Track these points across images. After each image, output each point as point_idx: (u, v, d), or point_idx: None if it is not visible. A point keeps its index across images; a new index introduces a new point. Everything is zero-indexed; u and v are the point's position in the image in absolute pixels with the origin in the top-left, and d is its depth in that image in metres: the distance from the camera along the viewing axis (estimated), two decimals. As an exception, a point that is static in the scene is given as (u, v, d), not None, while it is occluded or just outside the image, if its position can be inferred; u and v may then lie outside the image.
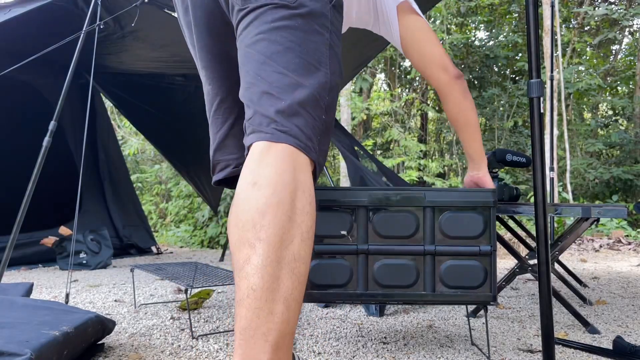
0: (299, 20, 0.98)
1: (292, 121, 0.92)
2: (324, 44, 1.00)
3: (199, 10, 1.14)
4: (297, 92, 0.94)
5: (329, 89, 0.99)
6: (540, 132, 1.31)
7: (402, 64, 10.29)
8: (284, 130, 0.91)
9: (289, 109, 0.93)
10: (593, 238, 5.39)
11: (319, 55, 0.99)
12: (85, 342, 1.47)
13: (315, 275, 1.50)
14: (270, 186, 0.85)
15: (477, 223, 1.50)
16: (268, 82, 0.95)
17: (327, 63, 0.99)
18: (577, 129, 9.15)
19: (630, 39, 10.49)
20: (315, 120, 0.96)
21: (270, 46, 0.97)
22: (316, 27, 0.99)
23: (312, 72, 0.97)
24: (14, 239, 2.12)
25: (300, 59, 0.96)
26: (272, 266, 0.80)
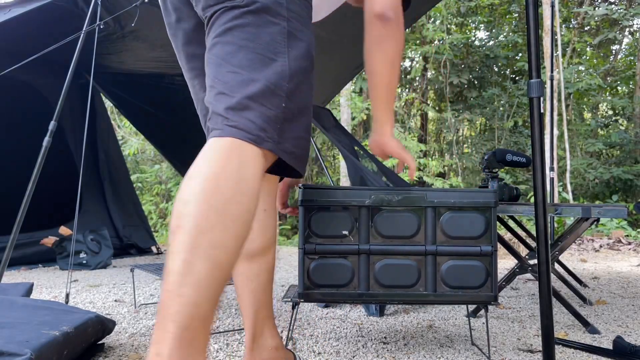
0: (250, 17, 0.99)
1: (241, 115, 0.94)
2: (281, 33, 1.00)
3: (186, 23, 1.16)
4: (248, 87, 0.96)
5: (289, 76, 0.99)
6: (540, 132, 1.31)
7: (402, 64, 10.29)
8: (233, 124, 0.93)
9: (239, 104, 0.95)
10: (593, 238, 5.39)
11: (275, 46, 0.99)
12: (85, 342, 1.47)
13: (316, 275, 1.50)
14: (199, 177, 0.89)
15: (478, 223, 1.50)
16: (223, 83, 0.98)
17: (284, 51, 1.00)
18: (577, 129, 9.15)
19: (630, 39, 10.50)
20: (271, 109, 0.96)
21: (224, 48, 0.99)
22: (269, 18, 1.00)
23: (267, 65, 0.98)
24: (14, 239, 2.12)
25: (254, 55, 0.98)
26: (186, 252, 0.84)
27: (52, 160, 2.41)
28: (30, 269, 3.52)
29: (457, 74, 9.26)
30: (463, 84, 9.41)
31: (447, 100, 9.79)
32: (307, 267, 1.50)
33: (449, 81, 9.24)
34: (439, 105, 10.50)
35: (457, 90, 9.77)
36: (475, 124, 10.49)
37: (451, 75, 9.21)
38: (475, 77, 9.74)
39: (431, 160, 8.71)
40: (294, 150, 1.00)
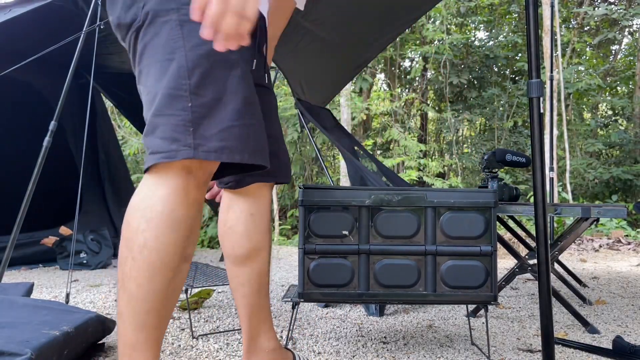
0: (149, 30, 0.95)
1: (151, 138, 0.92)
2: (174, 28, 0.93)
3: None
4: (154, 104, 0.93)
5: (189, 70, 0.91)
6: (540, 132, 1.31)
7: (402, 64, 10.29)
8: (149, 151, 0.92)
9: (148, 127, 0.93)
10: (593, 238, 5.40)
11: (171, 44, 0.93)
12: (86, 341, 1.47)
13: (316, 275, 1.50)
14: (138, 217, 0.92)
15: (478, 223, 1.51)
16: (144, 111, 0.98)
17: (182, 45, 0.92)
18: (576, 129, 9.16)
19: (630, 39, 10.50)
20: (176, 115, 0.90)
21: (141, 75, 0.98)
22: (160, 22, 0.94)
23: (166, 69, 0.92)
24: (14, 239, 2.12)
25: (157, 66, 0.94)
26: (118, 287, 0.94)
27: (53, 160, 2.41)
28: (31, 268, 3.52)
29: (457, 74, 9.26)
30: (463, 84, 9.41)
31: (447, 101, 9.79)
32: (307, 267, 1.51)
33: (448, 81, 9.24)
34: (439, 105, 10.50)
35: (457, 91, 9.77)
36: (475, 124, 10.50)
37: (451, 76, 9.21)
38: (475, 77, 9.74)
39: (431, 161, 8.71)
40: (224, 145, 0.92)
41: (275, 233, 7.68)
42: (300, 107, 2.88)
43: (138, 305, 0.90)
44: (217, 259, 4.04)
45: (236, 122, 0.94)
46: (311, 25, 2.83)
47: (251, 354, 1.26)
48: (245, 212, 1.21)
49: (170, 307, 0.95)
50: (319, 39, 2.96)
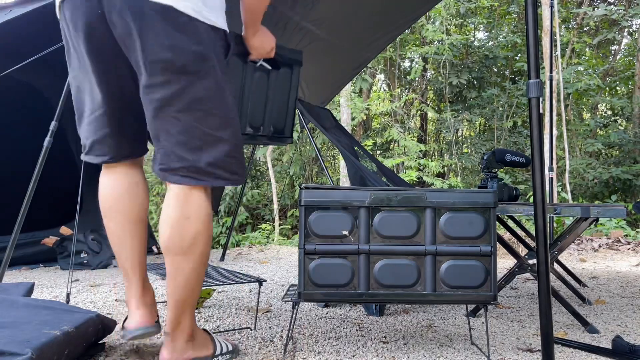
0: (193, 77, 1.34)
1: (220, 170, 1.39)
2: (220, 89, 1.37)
3: (95, 40, 1.30)
4: (226, 146, 1.37)
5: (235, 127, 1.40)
6: (539, 132, 1.32)
7: (402, 65, 10.30)
8: (213, 176, 1.39)
9: (220, 164, 1.39)
10: (592, 238, 5.40)
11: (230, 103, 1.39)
12: (86, 341, 1.47)
13: (316, 275, 1.51)
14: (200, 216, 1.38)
15: (477, 223, 1.51)
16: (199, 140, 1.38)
17: (233, 107, 1.39)
18: (576, 129, 9.16)
19: (630, 40, 10.51)
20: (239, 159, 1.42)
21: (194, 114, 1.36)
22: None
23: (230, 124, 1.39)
24: (15, 239, 2.13)
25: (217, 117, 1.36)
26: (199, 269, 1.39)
27: (53, 160, 2.41)
28: (31, 268, 3.52)
29: (457, 74, 9.27)
30: (462, 84, 9.41)
31: (447, 101, 9.80)
32: (307, 267, 1.51)
33: (448, 81, 9.24)
34: (439, 106, 10.50)
35: (457, 91, 9.77)
36: (474, 124, 10.50)
37: (450, 76, 9.22)
38: (474, 78, 9.74)
39: (431, 161, 8.72)
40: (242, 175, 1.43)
41: (276, 233, 7.68)
42: (300, 107, 2.89)
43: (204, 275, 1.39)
44: (217, 258, 4.05)
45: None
46: (311, 26, 2.84)
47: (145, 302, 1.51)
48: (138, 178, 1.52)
49: None
50: (319, 39, 2.96)
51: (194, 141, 1.28)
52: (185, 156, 1.29)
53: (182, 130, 1.28)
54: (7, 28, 2.96)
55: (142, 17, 1.21)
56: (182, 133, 1.28)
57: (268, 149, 8.55)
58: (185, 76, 1.26)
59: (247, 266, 3.68)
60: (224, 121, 1.32)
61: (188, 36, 1.24)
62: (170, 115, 1.28)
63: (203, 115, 1.28)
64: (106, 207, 1.47)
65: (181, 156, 1.29)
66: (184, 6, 1.22)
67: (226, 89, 1.33)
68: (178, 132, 1.28)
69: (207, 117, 1.29)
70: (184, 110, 1.27)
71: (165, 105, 1.28)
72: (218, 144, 1.31)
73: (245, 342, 1.70)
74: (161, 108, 1.28)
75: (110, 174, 1.49)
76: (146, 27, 1.21)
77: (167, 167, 1.32)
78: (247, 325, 1.93)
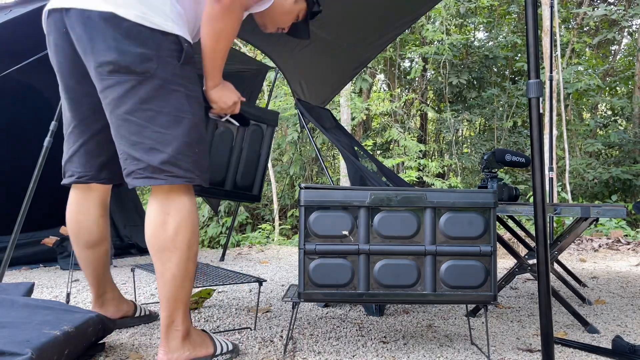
0: (151, 85, 1.40)
1: (173, 167, 1.41)
2: (182, 97, 1.41)
3: (61, 56, 1.47)
4: (172, 145, 1.40)
5: (194, 129, 1.42)
6: (539, 132, 1.32)
7: (402, 65, 10.30)
8: (167, 174, 1.42)
9: (170, 159, 1.42)
10: (592, 238, 5.40)
11: (181, 107, 1.41)
12: (86, 341, 1.47)
13: (316, 275, 1.51)
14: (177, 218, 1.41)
15: (477, 224, 1.51)
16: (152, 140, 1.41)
17: (189, 110, 1.40)
18: (576, 129, 9.16)
19: (629, 40, 10.51)
20: (192, 157, 1.41)
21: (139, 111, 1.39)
22: (169, 88, 1.41)
23: (179, 123, 1.40)
24: (15, 239, 2.13)
25: (168, 116, 1.39)
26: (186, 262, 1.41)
27: (53, 160, 2.41)
28: (31, 268, 3.52)
29: (457, 74, 9.27)
30: (462, 84, 9.41)
31: (447, 101, 9.80)
32: (307, 267, 1.51)
33: (448, 81, 9.24)
34: (439, 106, 10.50)
35: (457, 91, 9.77)
36: (474, 124, 10.50)
37: (450, 76, 9.22)
38: (474, 78, 9.74)
39: (430, 161, 8.72)
40: (207, 177, 1.45)
41: (276, 233, 7.68)
42: (300, 107, 2.89)
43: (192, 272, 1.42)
44: (217, 258, 4.05)
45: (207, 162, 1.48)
46: (311, 26, 2.84)
47: (101, 304, 1.78)
48: (97, 215, 1.68)
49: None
50: (319, 39, 2.96)
51: (147, 141, 1.34)
52: (140, 157, 1.35)
53: (134, 131, 1.34)
54: (7, 28, 2.96)
55: (92, 24, 1.34)
56: (134, 134, 1.34)
57: (268, 149, 8.53)
58: (131, 76, 1.33)
59: (247, 266, 3.68)
60: (175, 119, 1.35)
61: (131, 39, 1.33)
62: (122, 118, 1.35)
63: (153, 114, 1.34)
64: (71, 231, 1.68)
65: (136, 157, 1.35)
66: (125, 12, 1.33)
67: (179, 90, 1.37)
68: (130, 133, 1.35)
69: (158, 116, 1.34)
70: (133, 111, 1.34)
71: (116, 107, 1.35)
72: (171, 142, 1.34)
73: (245, 342, 1.70)
74: (112, 111, 1.36)
75: (80, 198, 1.66)
76: (95, 33, 1.34)
77: (128, 172, 1.38)
78: (247, 325, 1.93)
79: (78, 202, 1.66)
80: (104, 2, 1.33)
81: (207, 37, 1.45)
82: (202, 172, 1.41)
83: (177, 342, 1.39)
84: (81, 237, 1.67)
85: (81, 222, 1.66)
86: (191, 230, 1.38)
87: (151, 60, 1.34)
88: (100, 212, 1.68)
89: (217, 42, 1.45)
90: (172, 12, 1.39)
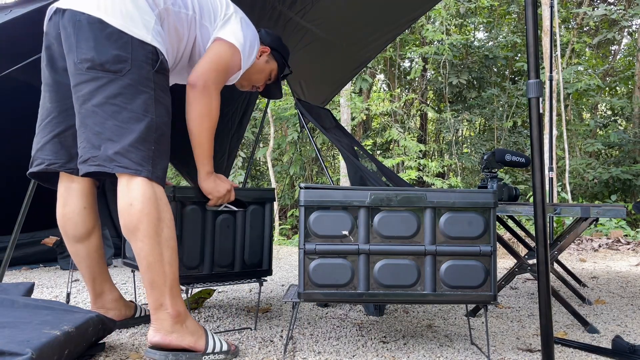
0: (121, 83, 1.48)
1: (123, 158, 1.47)
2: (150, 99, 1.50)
3: (54, 52, 1.59)
4: (128, 137, 1.46)
5: (156, 128, 1.49)
6: (539, 132, 1.32)
7: (402, 65, 10.30)
8: (116, 164, 1.47)
9: (121, 150, 1.47)
10: (592, 238, 5.40)
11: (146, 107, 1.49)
12: (86, 341, 1.47)
13: (316, 275, 1.51)
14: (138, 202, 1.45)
15: (477, 224, 1.51)
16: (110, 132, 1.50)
17: (153, 112, 1.49)
18: (576, 129, 9.17)
19: (629, 40, 10.51)
20: (145, 152, 1.48)
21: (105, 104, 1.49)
22: (139, 89, 1.50)
23: (141, 120, 1.48)
24: (15, 239, 2.13)
25: (131, 113, 1.47)
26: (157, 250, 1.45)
27: (53, 160, 2.41)
28: (31, 268, 3.52)
29: (457, 74, 9.27)
30: (462, 84, 9.42)
31: (447, 101, 9.80)
32: (307, 267, 1.51)
33: (448, 82, 9.25)
34: (439, 106, 10.51)
35: (457, 91, 9.78)
36: (474, 124, 10.51)
37: (450, 76, 9.22)
38: (474, 78, 9.75)
39: (430, 161, 8.72)
40: (162, 177, 1.51)
41: (276, 233, 7.68)
42: (300, 107, 2.89)
43: (176, 252, 1.48)
44: (217, 259, 4.04)
45: (166, 168, 1.54)
46: (311, 25, 2.84)
47: (100, 305, 1.79)
48: (80, 206, 1.70)
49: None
50: (319, 39, 2.96)
51: (106, 132, 1.43)
52: (99, 145, 1.44)
53: (98, 122, 1.44)
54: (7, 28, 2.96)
55: (80, 25, 1.47)
56: (98, 124, 1.44)
57: (268, 149, 8.55)
58: (105, 74, 1.45)
59: (247, 266, 3.68)
60: (137, 117, 1.45)
61: (111, 42, 1.46)
62: (90, 110, 1.45)
63: (118, 109, 1.44)
64: (59, 226, 1.71)
65: (95, 145, 1.44)
66: (112, 20, 1.47)
67: (147, 92, 1.48)
68: (94, 123, 1.44)
69: (122, 111, 1.44)
70: (101, 104, 1.44)
71: (86, 100, 1.46)
72: (127, 135, 1.43)
73: (245, 342, 1.70)
74: (83, 103, 1.46)
75: (63, 191, 1.70)
76: (81, 33, 1.47)
77: (84, 159, 1.46)
78: (247, 325, 1.93)
79: (62, 195, 1.71)
80: (96, 8, 1.48)
81: (190, 121, 1.62)
82: (155, 169, 1.47)
83: (167, 324, 1.44)
84: (69, 231, 1.70)
85: (66, 215, 1.70)
86: (156, 217, 1.44)
87: (125, 62, 1.46)
88: (83, 204, 1.71)
89: (200, 124, 1.61)
90: (154, 30, 1.53)
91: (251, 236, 1.93)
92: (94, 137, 1.44)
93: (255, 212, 1.95)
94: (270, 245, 1.99)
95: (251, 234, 1.93)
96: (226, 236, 1.87)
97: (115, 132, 1.43)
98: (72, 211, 1.70)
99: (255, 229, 1.94)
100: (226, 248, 1.87)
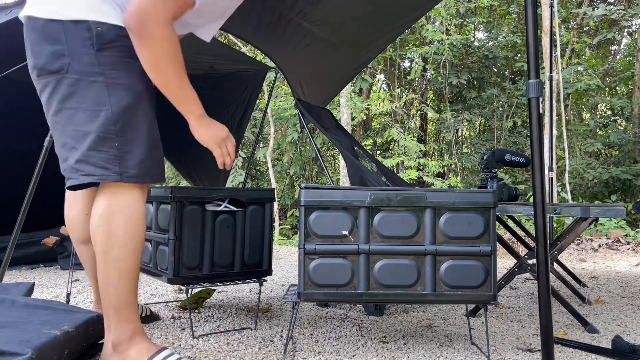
0: (68, 83, 1.32)
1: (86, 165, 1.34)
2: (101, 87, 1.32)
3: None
4: (86, 141, 1.31)
5: (114, 120, 1.32)
6: (539, 132, 1.32)
7: (402, 65, 10.30)
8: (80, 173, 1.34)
9: (82, 157, 1.33)
10: (592, 238, 5.40)
11: (99, 99, 1.32)
12: (87, 341, 1.47)
13: (316, 275, 1.51)
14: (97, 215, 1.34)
15: (477, 224, 1.51)
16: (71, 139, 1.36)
17: (107, 101, 1.31)
18: (576, 129, 9.17)
19: (629, 40, 10.51)
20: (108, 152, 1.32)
21: (60, 112, 1.35)
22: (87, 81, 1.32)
23: (95, 116, 1.31)
24: (15, 239, 2.13)
25: (85, 112, 1.32)
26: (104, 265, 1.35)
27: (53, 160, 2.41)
28: (32, 268, 3.52)
29: (457, 74, 9.27)
30: (462, 84, 9.42)
31: (447, 101, 9.80)
32: (307, 267, 1.51)
33: (448, 82, 9.25)
34: (438, 106, 10.51)
35: (457, 91, 9.77)
36: (474, 124, 10.50)
37: (450, 76, 9.22)
38: (474, 78, 9.75)
39: (430, 161, 8.72)
40: (140, 173, 1.32)
41: (275, 233, 7.68)
42: (300, 107, 2.89)
43: (130, 274, 1.35)
44: (217, 259, 4.04)
45: (148, 156, 1.34)
46: (311, 26, 2.84)
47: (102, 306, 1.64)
48: (84, 214, 1.64)
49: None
50: (319, 39, 2.96)
51: (69, 141, 1.31)
52: (66, 156, 1.32)
53: (61, 132, 1.32)
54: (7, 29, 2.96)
55: (26, 31, 1.35)
56: (61, 135, 1.32)
57: (268, 149, 8.55)
58: (50, 77, 1.30)
59: (247, 266, 3.68)
60: (92, 114, 1.28)
61: (45, 38, 1.29)
62: (51, 121, 1.34)
63: (73, 112, 1.30)
64: (67, 226, 1.68)
65: (63, 158, 1.34)
66: (38, 10, 1.30)
67: (97, 80, 1.29)
68: (59, 134, 1.33)
69: (76, 113, 1.30)
70: (58, 112, 1.32)
71: (47, 111, 1.35)
72: (85, 139, 1.29)
73: (245, 342, 1.70)
74: (46, 114, 1.36)
75: (69, 193, 1.64)
76: (28, 40, 1.34)
77: (63, 174, 1.37)
78: (247, 325, 1.93)
79: (68, 197, 1.68)
80: (31, 4, 1.33)
81: (148, 73, 1.34)
82: (124, 166, 1.30)
83: (108, 349, 1.36)
84: (73, 232, 1.68)
85: (70, 216, 1.67)
86: (106, 234, 1.31)
87: (64, 56, 1.28)
88: (85, 211, 1.64)
89: (156, 71, 1.32)
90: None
91: (251, 236, 1.94)
92: (62, 149, 1.33)
93: (255, 212, 1.95)
94: (270, 245, 1.99)
95: (251, 234, 1.94)
96: (226, 236, 1.87)
97: (74, 138, 1.29)
98: (77, 216, 1.67)
99: (255, 229, 1.95)
100: (226, 248, 1.88)
